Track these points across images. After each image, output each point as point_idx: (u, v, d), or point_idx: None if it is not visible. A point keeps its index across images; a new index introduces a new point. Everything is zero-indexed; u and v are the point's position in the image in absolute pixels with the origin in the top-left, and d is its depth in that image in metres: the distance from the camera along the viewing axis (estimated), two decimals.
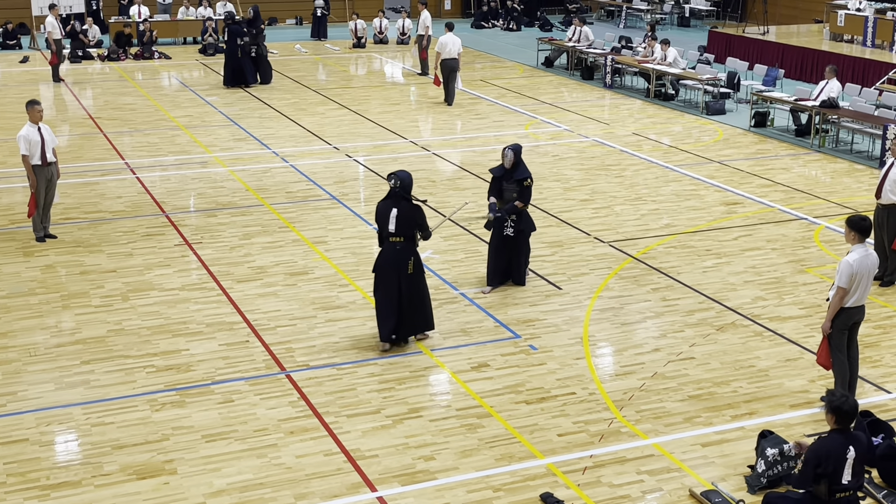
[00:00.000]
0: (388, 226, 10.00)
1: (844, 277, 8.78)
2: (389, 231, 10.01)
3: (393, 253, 10.04)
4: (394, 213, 9.97)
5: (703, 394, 9.47)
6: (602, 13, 38.16)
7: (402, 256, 10.03)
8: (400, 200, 10.01)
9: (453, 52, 21.80)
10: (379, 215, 10.11)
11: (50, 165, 13.20)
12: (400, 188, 9.99)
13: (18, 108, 21.25)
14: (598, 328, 10.89)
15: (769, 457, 7.89)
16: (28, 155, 12.98)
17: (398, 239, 10.02)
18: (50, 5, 26.01)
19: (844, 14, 26.69)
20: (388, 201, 10.06)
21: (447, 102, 22.09)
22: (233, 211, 14.74)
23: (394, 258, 10.03)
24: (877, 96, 20.27)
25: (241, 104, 22.31)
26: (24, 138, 12.96)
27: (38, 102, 13.28)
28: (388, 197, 10.09)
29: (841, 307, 8.88)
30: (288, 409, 9.09)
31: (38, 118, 13.08)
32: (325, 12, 32.50)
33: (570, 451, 8.47)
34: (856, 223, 8.95)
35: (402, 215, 9.97)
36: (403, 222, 9.98)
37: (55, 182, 13.43)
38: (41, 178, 13.09)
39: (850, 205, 15.23)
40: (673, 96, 23.19)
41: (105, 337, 10.55)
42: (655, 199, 15.43)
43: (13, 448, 8.42)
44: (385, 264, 10.08)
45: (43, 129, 13.11)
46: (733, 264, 12.74)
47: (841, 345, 9.04)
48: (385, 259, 10.09)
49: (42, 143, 13.02)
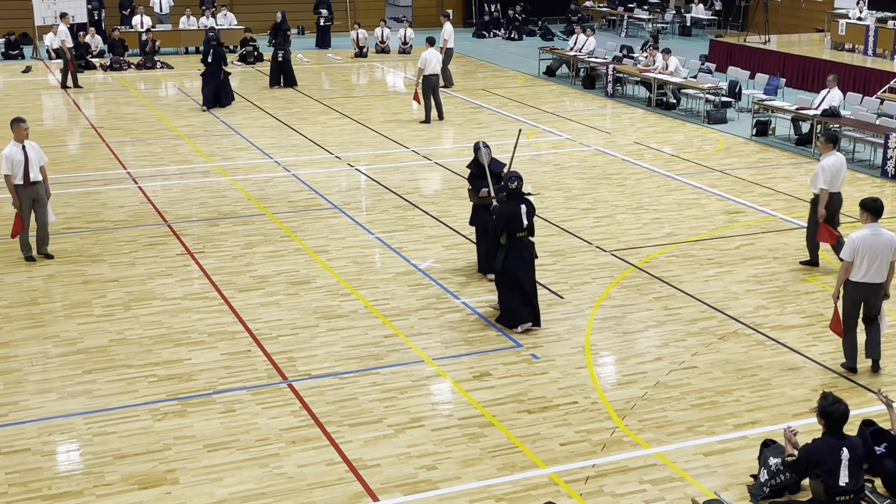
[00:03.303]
0: (521, 224, 10.77)
1: (847, 250, 9.67)
2: (522, 228, 10.80)
3: (525, 248, 10.86)
4: (524, 210, 10.78)
5: (705, 403, 9.46)
6: (603, 22, 38.23)
7: (531, 250, 10.97)
8: (522, 198, 10.82)
9: (436, 68, 21.29)
10: (508, 217, 10.74)
11: (35, 185, 12.72)
12: (520, 188, 10.78)
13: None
14: (600, 337, 10.88)
15: (772, 466, 7.88)
16: (10, 174, 12.59)
17: (525, 234, 10.88)
18: (61, 14, 26.18)
19: (845, 23, 26.72)
20: (514, 202, 10.77)
21: (430, 119, 21.30)
22: (234, 220, 14.75)
23: (527, 252, 10.88)
24: (878, 105, 20.28)
25: (242, 114, 22.35)
26: (7, 157, 12.58)
27: (24, 120, 12.83)
28: (511, 198, 10.77)
29: (848, 280, 9.73)
30: (290, 419, 9.08)
31: (23, 136, 12.67)
32: (328, 22, 32.59)
33: (572, 460, 8.45)
34: (868, 204, 9.79)
35: (530, 212, 10.86)
36: (531, 217, 10.90)
37: (44, 202, 12.90)
38: (25, 197, 12.70)
39: (853, 214, 15.20)
40: (674, 105, 23.21)
41: (107, 346, 10.55)
42: (657, 208, 15.43)
43: (15, 458, 8.42)
44: (520, 259, 10.83)
45: (28, 148, 12.67)
46: (735, 273, 12.73)
47: (852, 318, 9.86)
48: (519, 254, 10.83)
49: (26, 163, 12.59)
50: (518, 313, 10.94)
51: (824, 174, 12.38)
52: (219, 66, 22.58)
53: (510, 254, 10.85)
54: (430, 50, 21.40)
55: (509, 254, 10.85)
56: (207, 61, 22.57)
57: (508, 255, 10.85)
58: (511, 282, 10.90)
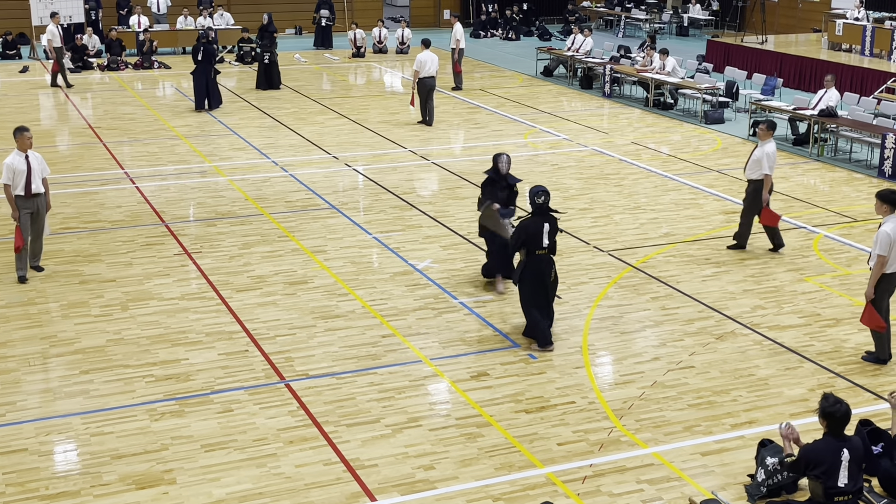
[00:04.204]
0: (541, 241, 10.37)
1: (884, 245, 9.72)
2: (542, 245, 10.39)
3: (542, 264, 10.41)
4: (546, 229, 10.38)
5: (702, 403, 9.46)
6: (601, 22, 38.25)
7: (549, 268, 10.48)
8: (547, 214, 10.42)
9: (432, 70, 21.01)
10: (528, 233, 10.38)
11: (36, 197, 12.22)
12: (546, 203, 10.41)
13: (18, 117, 21.29)
14: (597, 337, 10.89)
15: (769, 466, 7.89)
16: (10, 184, 12.09)
17: (544, 251, 10.42)
18: (51, 14, 26.12)
19: (843, 23, 26.75)
20: (538, 218, 10.39)
21: (426, 122, 21.20)
22: (232, 220, 14.75)
23: (545, 269, 10.42)
24: (875, 105, 20.30)
25: (240, 114, 22.34)
26: (9, 167, 12.05)
27: (27, 129, 12.30)
28: (535, 214, 10.41)
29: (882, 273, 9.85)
30: (287, 419, 9.08)
31: (26, 146, 12.16)
32: (329, 22, 32.55)
33: (569, 460, 8.46)
34: (886, 196, 9.92)
35: (552, 230, 10.45)
36: (553, 236, 10.50)
37: (43, 214, 12.40)
38: (24, 209, 12.19)
39: (849, 213, 15.24)
40: (672, 105, 23.23)
41: (104, 346, 10.55)
42: (654, 208, 15.44)
43: (12, 458, 8.41)
44: (537, 276, 10.43)
45: (31, 158, 12.17)
46: (732, 273, 12.74)
47: (884, 307, 10.02)
48: (538, 271, 10.42)
49: (28, 173, 12.08)
50: (543, 334, 10.52)
51: (769, 160, 13.08)
52: (208, 65, 22.44)
53: (527, 271, 10.48)
54: (427, 52, 21.17)
55: (526, 269, 10.48)
56: (197, 59, 22.47)
57: (525, 272, 10.49)
58: (530, 300, 10.53)
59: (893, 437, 8.08)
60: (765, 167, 13.08)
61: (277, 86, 25.46)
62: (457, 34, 25.19)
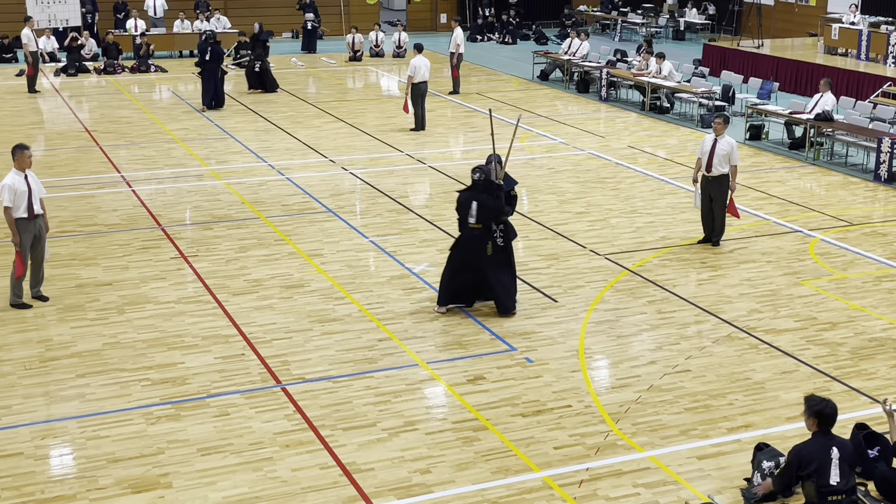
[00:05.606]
0: (467, 215, 11.15)
1: None
2: (469, 222, 11.17)
3: (473, 239, 11.23)
4: (474, 206, 11.09)
5: (699, 406, 9.47)
6: (597, 26, 38.28)
7: (480, 243, 11.17)
8: (480, 193, 11.12)
9: (426, 75, 20.93)
10: (459, 203, 11.27)
11: (37, 218, 11.53)
12: (484, 181, 11.11)
13: (14, 120, 21.30)
14: (593, 341, 10.89)
15: (765, 469, 7.90)
16: (11, 207, 11.34)
17: (478, 226, 11.17)
18: (25, 18, 26.10)
19: (839, 28, 26.80)
20: (469, 193, 11.20)
21: (419, 128, 21.06)
22: (228, 224, 14.74)
23: (475, 244, 11.21)
24: (871, 109, 20.33)
25: (237, 117, 22.34)
26: (10, 188, 11.34)
27: (27, 147, 11.63)
28: (469, 188, 11.24)
29: None
30: (283, 423, 9.08)
31: (26, 165, 11.49)
32: (315, 25, 32.57)
33: (566, 464, 8.46)
34: None
35: (482, 209, 11.09)
36: (484, 212, 11.11)
37: (43, 237, 11.67)
38: (27, 232, 11.46)
39: (845, 217, 15.26)
40: (668, 109, 23.25)
41: (100, 350, 10.53)
42: (651, 212, 15.45)
43: (8, 462, 8.40)
44: (464, 245, 11.29)
45: (30, 178, 11.49)
46: (728, 277, 12.75)
47: None
48: (466, 240, 11.28)
49: (29, 194, 11.40)
50: (442, 293, 11.45)
51: (736, 152, 13.70)
52: (217, 65, 22.66)
53: (458, 239, 11.42)
54: (419, 57, 21.03)
55: (458, 239, 11.41)
56: (206, 59, 22.56)
57: (456, 239, 11.44)
58: (450, 263, 11.39)
59: (893, 444, 8.08)
60: (735, 158, 13.70)
61: (272, 89, 25.48)
62: (457, 38, 25.11)
